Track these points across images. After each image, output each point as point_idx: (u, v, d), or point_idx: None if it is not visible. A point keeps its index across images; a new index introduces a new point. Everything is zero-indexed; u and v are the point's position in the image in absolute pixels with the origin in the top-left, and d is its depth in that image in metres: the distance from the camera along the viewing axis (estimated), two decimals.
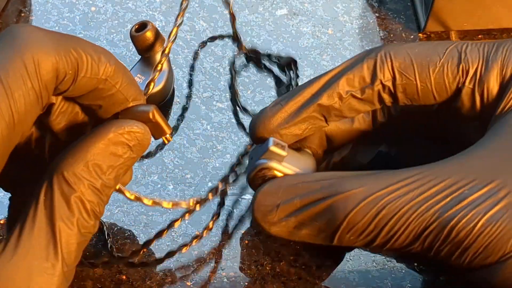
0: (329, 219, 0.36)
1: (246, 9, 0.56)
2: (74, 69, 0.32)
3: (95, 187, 0.33)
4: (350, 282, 0.42)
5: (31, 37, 0.31)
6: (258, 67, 0.52)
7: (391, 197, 0.35)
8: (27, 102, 0.30)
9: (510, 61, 0.37)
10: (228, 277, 0.43)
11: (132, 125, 0.34)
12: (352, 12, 0.56)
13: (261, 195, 0.38)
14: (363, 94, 0.38)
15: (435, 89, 0.38)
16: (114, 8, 0.56)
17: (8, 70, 0.30)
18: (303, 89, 0.39)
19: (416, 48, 0.38)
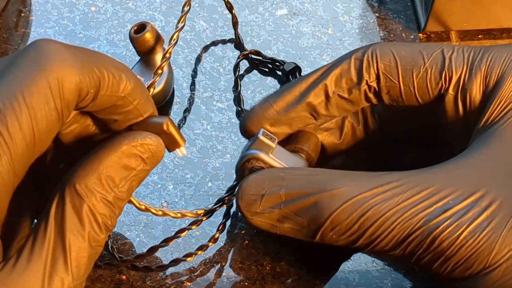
0: (313, 216, 0.36)
1: (246, 9, 0.56)
2: (96, 87, 0.32)
3: (107, 200, 0.33)
4: (350, 282, 0.42)
5: (56, 55, 0.30)
6: (262, 71, 0.52)
7: (377, 199, 0.34)
8: (49, 122, 0.30)
9: (494, 69, 0.37)
10: (228, 277, 0.43)
11: (145, 137, 0.34)
12: (352, 12, 0.56)
13: (246, 183, 0.37)
14: (350, 94, 0.39)
15: (418, 93, 0.38)
16: (114, 8, 0.56)
17: (33, 90, 0.29)
18: (292, 87, 0.40)
19: (402, 50, 0.38)
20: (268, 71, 0.52)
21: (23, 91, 0.29)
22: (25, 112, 0.29)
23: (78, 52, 0.31)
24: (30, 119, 0.29)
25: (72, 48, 0.31)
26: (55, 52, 0.31)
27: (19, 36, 0.54)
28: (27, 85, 0.29)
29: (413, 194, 0.34)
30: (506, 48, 0.38)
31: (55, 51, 0.31)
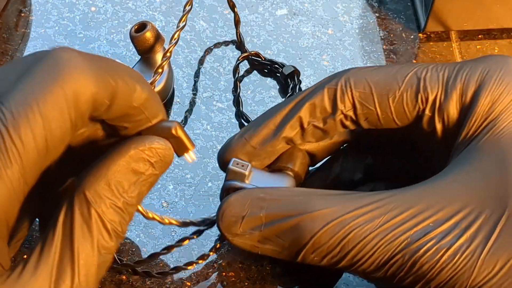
0: (294, 238, 0.35)
1: (246, 9, 0.56)
2: (111, 98, 0.32)
3: (116, 206, 0.32)
4: (350, 282, 0.42)
5: (73, 65, 0.30)
6: (262, 72, 0.52)
7: (359, 221, 0.34)
8: (62, 132, 0.30)
9: (469, 87, 0.37)
10: (228, 277, 0.43)
11: (153, 141, 0.34)
12: (352, 12, 0.56)
13: (227, 204, 0.37)
14: (325, 124, 0.39)
15: (396, 117, 0.38)
16: (114, 8, 0.56)
17: (48, 100, 0.29)
18: (266, 121, 0.39)
19: (376, 75, 0.38)
20: (267, 72, 0.52)
21: (38, 101, 0.29)
22: (39, 122, 0.29)
23: (94, 61, 0.31)
24: (44, 128, 0.29)
25: (88, 57, 0.31)
26: (72, 62, 0.30)
27: (19, 36, 0.54)
28: (43, 95, 0.29)
29: (394, 215, 0.34)
30: (480, 64, 0.38)
31: (72, 61, 0.30)
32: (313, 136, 0.39)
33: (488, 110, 0.36)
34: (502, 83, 0.37)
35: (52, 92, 0.29)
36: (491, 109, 0.36)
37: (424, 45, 0.55)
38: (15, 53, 0.52)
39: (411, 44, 0.55)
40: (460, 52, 0.54)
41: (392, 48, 0.54)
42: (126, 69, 0.33)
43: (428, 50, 0.54)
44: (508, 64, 0.38)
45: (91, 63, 0.31)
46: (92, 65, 0.31)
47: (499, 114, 0.36)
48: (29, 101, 0.29)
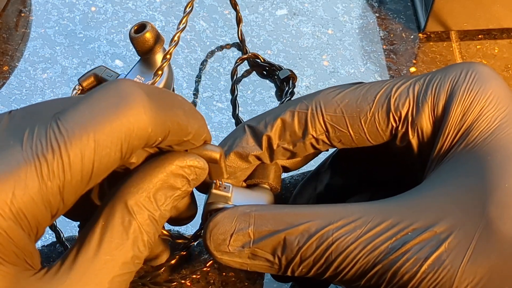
0: (282, 252, 0.36)
1: (246, 9, 0.56)
2: (164, 136, 0.32)
3: (154, 218, 0.33)
4: None
5: (135, 101, 0.30)
6: (261, 74, 0.52)
7: (341, 232, 0.35)
8: (110, 161, 0.30)
9: (440, 99, 0.37)
10: (228, 277, 0.43)
11: (193, 160, 0.34)
12: (352, 12, 0.56)
13: (213, 223, 0.37)
14: (294, 147, 0.39)
15: (370, 137, 0.38)
16: (114, 8, 0.56)
17: (104, 130, 0.30)
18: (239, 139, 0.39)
19: (346, 98, 0.38)
20: (266, 74, 0.52)
21: (95, 127, 0.30)
22: (90, 147, 0.29)
23: (155, 99, 0.31)
24: (94, 154, 0.30)
25: (150, 92, 0.31)
26: (135, 97, 0.31)
27: (19, 36, 0.54)
28: (101, 123, 0.30)
29: (375, 225, 0.34)
30: (449, 74, 0.38)
31: (135, 96, 0.31)
32: (283, 156, 0.40)
33: (460, 121, 0.36)
34: (471, 92, 0.37)
35: (111, 122, 0.30)
36: (463, 119, 0.36)
37: (424, 45, 0.55)
38: (15, 53, 0.52)
39: (411, 44, 0.54)
40: (460, 52, 0.54)
41: (392, 48, 0.54)
42: (181, 104, 0.34)
43: (428, 50, 0.54)
44: (476, 71, 0.37)
45: (152, 101, 0.31)
46: (152, 104, 0.31)
47: (471, 123, 0.36)
48: (86, 125, 0.29)
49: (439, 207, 0.34)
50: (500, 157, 0.35)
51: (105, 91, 0.31)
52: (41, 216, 0.30)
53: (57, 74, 0.51)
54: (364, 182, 0.43)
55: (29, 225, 0.30)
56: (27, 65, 0.52)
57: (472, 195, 0.34)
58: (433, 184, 0.36)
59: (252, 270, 0.37)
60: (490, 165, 0.35)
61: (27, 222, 0.29)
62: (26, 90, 0.51)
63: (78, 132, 0.29)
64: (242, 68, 0.52)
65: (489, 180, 0.34)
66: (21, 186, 0.29)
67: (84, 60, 0.52)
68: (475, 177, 0.35)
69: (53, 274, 0.31)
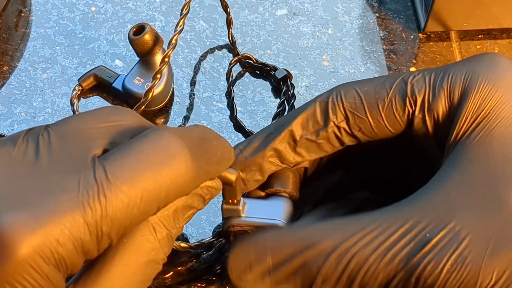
0: (303, 275, 0.35)
1: (246, 9, 0.56)
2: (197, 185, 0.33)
3: (170, 236, 0.33)
4: None
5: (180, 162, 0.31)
6: (254, 74, 0.52)
7: (358, 246, 0.34)
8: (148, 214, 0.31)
9: (457, 85, 0.37)
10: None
11: (212, 181, 0.35)
12: (352, 12, 0.56)
13: (233, 256, 0.37)
14: (317, 137, 0.39)
15: (388, 124, 0.38)
16: (114, 8, 0.56)
17: (151, 191, 0.30)
18: (261, 133, 0.40)
19: (365, 86, 0.39)
20: (259, 74, 0.52)
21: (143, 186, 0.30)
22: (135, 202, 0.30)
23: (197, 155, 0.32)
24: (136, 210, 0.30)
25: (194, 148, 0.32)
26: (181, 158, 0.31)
27: (19, 36, 0.54)
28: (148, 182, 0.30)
29: (391, 233, 0.34)
30: (466, 64, 0.38)
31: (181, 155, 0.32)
32: (307, 149, 0.39)
33: (478, 108, 0.36)
34: (490, 81, 0.37)
35: (157, 182, 0.31)
36: (481, 106, 0.36)
37: (424, 45, 0.55)
38: (15, 53, 0.52)
39: (411, 44, 0.54)
40: (460, 52, 0.54)
41: (392, 48, 0.54)
42: (216, 151, 0.35)
43: (428, 50, 0.54)
44: (494, 61, 0.38)
45: (194, 158, 0.32)
46: (194, 161, 0.32)
47: (490, 111, 0.36)
48: (135, 182, 0.30)
49: (455, 203, 0.34)
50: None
51: (151, 143, 0.31)
52: (78, 261, 0.30)
53: (57, 74, 0.51)
54: (363, 179, 0.43)
55: (66, 268, 0.30)
56: (27, 65, 0.52)
57: (490, 187, 0.34)
58: (448, 177, 0.35)
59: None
60: (509, 155, 0.34)
61: (65, 266, 0.30)
62: (26, 90, 0.51)
63: (127, 189, 0.30)
64: (240, 69, 0.52)
65: (509, 170, 0.34)
66: (66, 233, 0.29)
67: (84, 60, 0.52)
68: (493, 168, 0.34)
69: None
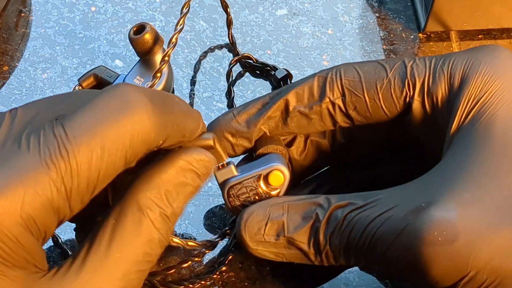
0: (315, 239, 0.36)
1: (246, 9, 0.56)
2: (165, 139, 0.33)
3: (165, 215, 0.33)
4: (350, 282, 0.42)
5: (140, 108, 0.31)
6: (254, 74, 0.52)
7: (363, 212, 0.35)
8: (115, 168, 0.31)
9: (457, 71, 0.37)
10: (228, 277, 0.43)
11: (200, 154, 0.35)
12: (352, 12, 0.56)
13: (248, 214, 0.38)
14: (310, 110, 0.39)
15: (384, 104, 0.38)
16: (114, 8, 0.56)
17: (111, 137, 0.30)
18: (256, 101, 0.40)
19: (365, 66, 0.39)
20: (259, 74, 0.52)
21: (102, 134, 0.30)
22: (97, 153, 0.30)
23: (157, 102, 0.32)
24: (101, 161, 0.30)
25: (153, 97, 0.32)
26: (139, 103, 0.31)
27: (19, 36, 0.54)
28: (107, 130, 0.30)
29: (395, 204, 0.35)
30: (467, 53, 0.38)
31: (139, 103, 0.31)
32: (298, 123, 0.39)
33: (480, 92, 0.36)
34: (491, 67, 0.37)
35: (117, 129, 0.30)
36: (483, 90, 0.36)
37: (424, 45, 0.55)
38: (15, 53, 0.52)
39: (411, 44, 0.54)
40: None
41: (392, 48, 0.54)
42: (179, 106, 0.34)
43: (428, 50, 0.54)
44: (496, 51, 0.38)
45: (154, 106, 0.32)
46: (154, 109, 0.32)
47: (492, 96, 0.36)
48: (93, 131, 0.30)
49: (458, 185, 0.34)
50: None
51: (109, 96, 0.31)
52: (50, 221, 0.30)
53: (57, 74, 0.51)
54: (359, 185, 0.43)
55: (38, 231, 0.30)
56: (27, 65, 0.52)
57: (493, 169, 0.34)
58: (451, 162, 0.36)
59: (287, 261, 0.38)
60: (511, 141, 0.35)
61: (37, 228, 0.29)
62: (26, 90, 0.51)
63: (86, 139, 0.30)
64: (240, 69, 0.52)
65: (510, 156, 0.34)
66: (31, 192, 0.29)
67: (84, 60, 0.52)
68: (496, 151, 0.34)
69: (63, 274, 0.31)
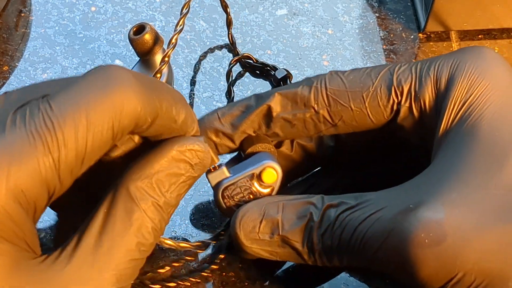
0: (308, 238, 0.36)
1: (246, 9, 0.56)
2: (153, 117, 0.33)
3: (158, 204, 0.33)
4: (350, 282, 0.42)
5: (123, 80, 0.31)
6: (254, 74, 0.52)
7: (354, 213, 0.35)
8: (103, 140, 0.31)
9: (443, 73, 0.37)
10: (228, 277, 0.43)
11: (193, 143, 0.35)
12: (352, 12, 0.56)
13: (243, 212, 0.38)
14: (294, 117, 0.39)
15: (371, 113, 0.38)
16: (114, 8, 0.56)
17: (96, 107, 0.30)
18: (240, 103, 0.40)
19: (351, 75, 0.39)
20: (259, 74, 0.52)
21: (87, 106, 0.30)
22: (83, 124, 0.30)
23: (143, 81, 0.32)
24: (87, 131, 0.30)
25: (138, 75, 0.32)
26: (123, 77, 0.31)
27: (19, 36, 0.54)
28: (93, 101, 0.30)
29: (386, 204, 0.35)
30: (452, 55, 0.38)
31: (123, 76, 0.31)
32: (281, 128, 0.40)
33: (466, 93, 0.36)
34: (477, 68, 0.37)
35: (101, 101, 0.30)
36: (469, 92, 0.36)
37: (424, 45, 0.55)
38: (15, 53, 0.52)
39: (411, 44, 0.54)
40: None
41: (392, 48, 0.54)
42: (169, 91, 0.34)
43: (428, 50, 0.54)
44: (481, 53, 0.38)
45: (140, 82, 0.32)
46: (140, 84, 0.32)
47: (478, 97, 0.36)
48: (78, 104, 0.30)
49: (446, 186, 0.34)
50: (509, 132, 0.35)
51: (94, 74, 0.32)
52: (39, 194, 0.30)
53: (57, 74, 0.51)
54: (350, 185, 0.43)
55: (27, 202, 0.30)
56: (27, 65, 0.52)
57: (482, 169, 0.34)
58: (439, 164, 0.36)
59: (281, 260, 0.38)
60: (498, 140, 0.35)
61: (25, 199, 0.29)
62: None
63: (71, 110, 0.30)
64: (239, 69, 0.52)
65: (498, 156, 0.34)
66: (16, 162, 0.29)
67: (84, 60, 0.52)
68: (484, 151, 0.34)
69: (53, 260, 0.31)
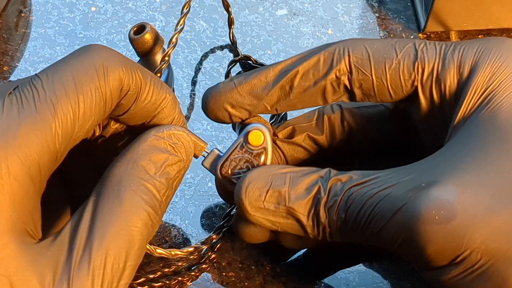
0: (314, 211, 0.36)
1: (246, 9, 0.56)
2: (137, 87, 0.34)
3: (146, 188, 0.34)
4: (350, 282, 0.42)
5: (103, 51, 0.34)
6: None
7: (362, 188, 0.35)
8: (93, 101, 0.32)
9: (467, 59, 0.37)
10: (228, 277, 0.43)
11: (170, 127, 0.36)
12: (352, 12, 0.56)
13: (249, 179, 0.37)
14: (315, 85, 0.39)
15: (391, 86, 0.38)
16: (114, 8, 0.56)
17: (80, 70, 0.32)
18: (259, 73, 0.39)
19: (375, 43, 0.38)
20: None
21: (72, 68, 0.32)
22: (71, 85, 0.32)
23: (123, 56, 0.35)
24: (76, 92, 0.32)
25: (119, 53, 0.34)
26: (103, 50, 0.34)
27: (19, 36, 0.54)
28: (78, 65, 0.32)
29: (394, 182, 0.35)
30: (477, 41, 0.38)
31: (103, 49, 0.34)
32: (299, 98, 0.39)
33: (488, 81, 0.36)
34: (501, 56, 0.37)
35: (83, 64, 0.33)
36: (491, 79, 0.36)
37: None
38: (15, 53, 0.52)
39: None
40: None
41: None
42: (154, 77, 0.36)
43: None
44: (506, 42, 0.38)
45: (121, 55, 0.34)
46: (121, 56, 0.34)
47: (500, 84, 0.36)
48: (64, 70, 0.32)
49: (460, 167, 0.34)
50: None
51: (77, 50, 0.34)
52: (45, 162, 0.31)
53: None
54: None
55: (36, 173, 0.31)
56: (27, 65, 0.52)
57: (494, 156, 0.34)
58: (454, 147, 0.36)
59: (282, 231, 0.38)
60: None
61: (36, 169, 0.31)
62: None
63: (58, 75, 0.32)
64: (239, 69, 0.52)
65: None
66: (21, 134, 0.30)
67: None
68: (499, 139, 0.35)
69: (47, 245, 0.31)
